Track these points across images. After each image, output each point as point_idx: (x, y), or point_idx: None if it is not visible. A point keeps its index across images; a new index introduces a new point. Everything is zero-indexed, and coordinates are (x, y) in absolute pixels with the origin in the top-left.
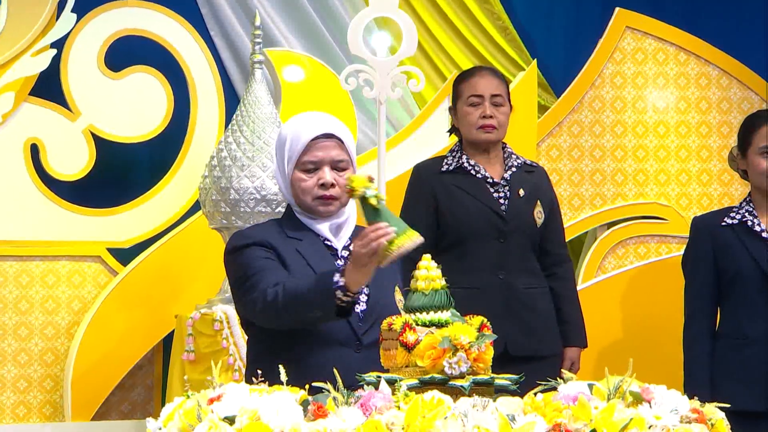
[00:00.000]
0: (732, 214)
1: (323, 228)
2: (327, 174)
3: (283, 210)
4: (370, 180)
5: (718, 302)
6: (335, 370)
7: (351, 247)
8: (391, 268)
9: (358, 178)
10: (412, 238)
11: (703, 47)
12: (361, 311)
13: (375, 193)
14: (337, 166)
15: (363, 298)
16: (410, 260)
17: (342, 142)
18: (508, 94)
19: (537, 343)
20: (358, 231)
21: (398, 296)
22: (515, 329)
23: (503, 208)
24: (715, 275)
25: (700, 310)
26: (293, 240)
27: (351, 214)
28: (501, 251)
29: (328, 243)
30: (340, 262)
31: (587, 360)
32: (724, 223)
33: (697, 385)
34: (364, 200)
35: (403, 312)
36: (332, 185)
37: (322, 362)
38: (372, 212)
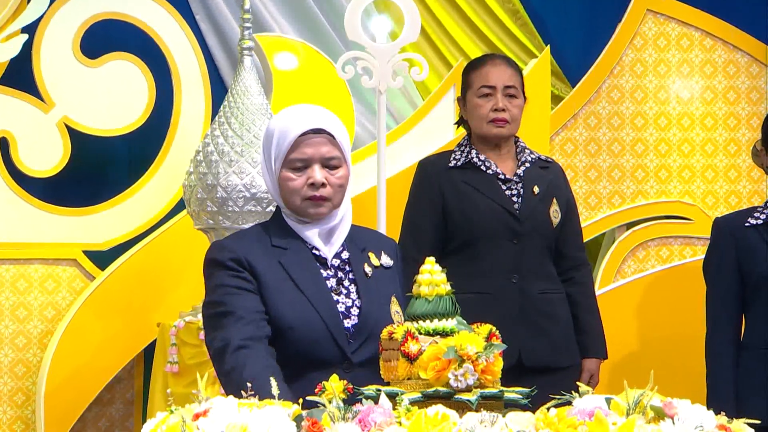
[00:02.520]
0: (756, 214)
1: (312, 234)
2: (317, 173)
3: (274, 209)
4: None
5: (743, 310)
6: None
7: (344, 256)
8: (388, 276)
9: (335, 385)
10: None
11: (731, 32)
12: (352, 326)
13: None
14: (328, 164)
15: (354, 311)
16: (414, 263)
17: (334, 138)
18: (523, 85)
19: (554, 353)
20: (354, 233)
21: (395, 308)
22: (530, 338)
23: (516, 206)
24: (739, 280)
25: (723, 318)
26: (277, 250)
27: (345, 216)
28: (514, 253)
29: (316, 252)
30: (329, 272)
31: (604, 371)
32: (747, 224)
33: (720, 399)
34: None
35: (402, 321)
36: (323, 185)
37: (308, 384)
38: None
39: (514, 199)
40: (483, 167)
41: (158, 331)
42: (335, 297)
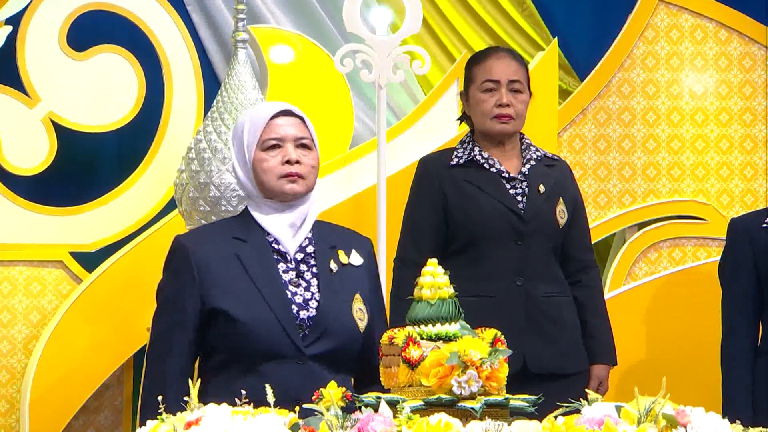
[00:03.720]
0: None
1: (279, 225)
2: (291, 151)
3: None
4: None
5: (760, 314)
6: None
7: (308, 249)
8: (356, 274)
9: (333, 393)
10: None
11: (747, 23)
12: (308, 318)
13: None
14: (301, 143)
15: (312, 304)
16: (415, 265)
17: (303, 122)
18: (528, 79)
19: (560, 359)
20: (327, 230)
21: (358, 305)
22: (535, 343)
23: (521, 206)
24: (756, 284)
25: (739, 323)
26: (237, 242)
27: (313, 207)
28: (519, 255)
29: (276, 246)
30: (290, 265)
31: (614, 378)
32: (765, 225)
33: (736, 407)
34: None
35: (364, 318)
36: (297, 162)
37: (261, 377)
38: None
39: (519, 198)
40: (486, 165)
41: (148, 336)
42: (293, 289)
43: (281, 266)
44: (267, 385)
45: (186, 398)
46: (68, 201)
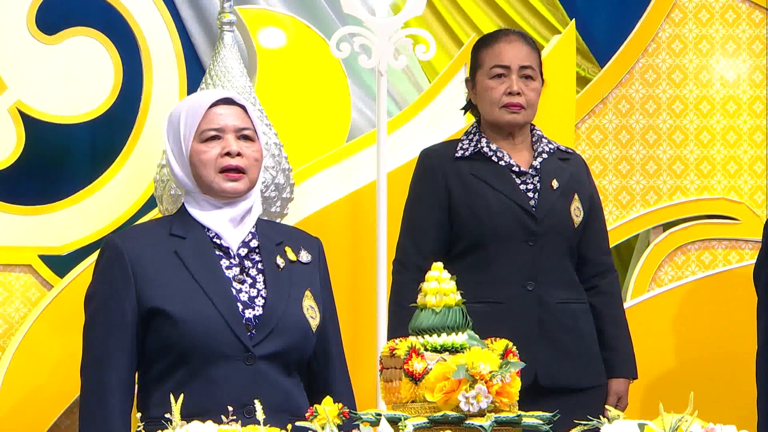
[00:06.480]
0: None
1: (220, 220)
2: (232, 142)
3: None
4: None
5: None
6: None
7: (252, 244)
8: (305, 271)
9: (329, 410)
10: None
11: None
12: (255, 317)
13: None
14: (243, 134)
15: (259, 302)
16: (416, 268)
17: (245, 111)
18: (540, 65)
19: (576, 373)
20: (272, 228)
21: (309, 302)
22: (549, 354)
23: (532, 203)
24: None
25: None
26: (175, 239)
27: (256, 201)
28: (530, 257)
29: (218, 241)
30: (233, 261)
31: (637, 393)
32: None
33: None
34: None
35: (316, 317)
36: (239, 154)
37: (208, 381)
38: None
39: (530, 194)
40: (494, 158)
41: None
42: (238, 286)
43: (224, 262)
44: (257, 401)
45: (133, 412)
46: (37, 199)
